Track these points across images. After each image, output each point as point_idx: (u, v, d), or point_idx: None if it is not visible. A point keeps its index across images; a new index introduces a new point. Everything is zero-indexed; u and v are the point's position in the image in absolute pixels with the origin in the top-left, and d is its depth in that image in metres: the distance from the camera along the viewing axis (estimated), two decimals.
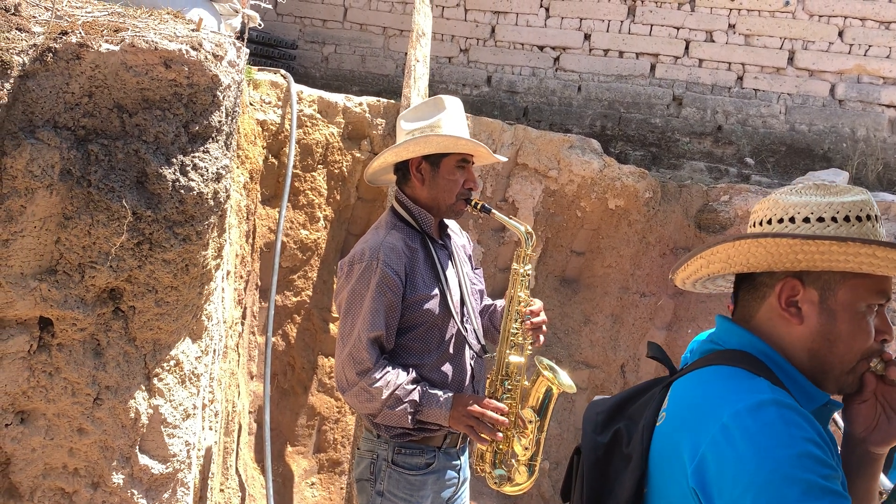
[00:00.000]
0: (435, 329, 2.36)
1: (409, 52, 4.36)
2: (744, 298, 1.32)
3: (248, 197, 3.58)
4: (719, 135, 5.25)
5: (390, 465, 2.36)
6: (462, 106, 2.48)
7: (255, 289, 3.88)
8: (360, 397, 2.26)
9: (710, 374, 1.23)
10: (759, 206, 1.32)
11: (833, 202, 1.22)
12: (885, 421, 1.24)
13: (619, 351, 4.84)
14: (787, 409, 1.09)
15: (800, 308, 1.23)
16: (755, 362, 1.22)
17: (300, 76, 5.37)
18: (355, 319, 2.26)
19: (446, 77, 5.54)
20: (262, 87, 3.91)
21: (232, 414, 3.40)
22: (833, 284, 1.22)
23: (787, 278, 1.24)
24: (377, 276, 2.24)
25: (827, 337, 1.22)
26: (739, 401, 1.11)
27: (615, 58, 5.35)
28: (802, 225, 1.22)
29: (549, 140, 4.67)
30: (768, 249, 1.21)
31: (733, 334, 1.29)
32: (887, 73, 5.04)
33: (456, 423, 2.25)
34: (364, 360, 2.24)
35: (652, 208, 4.70)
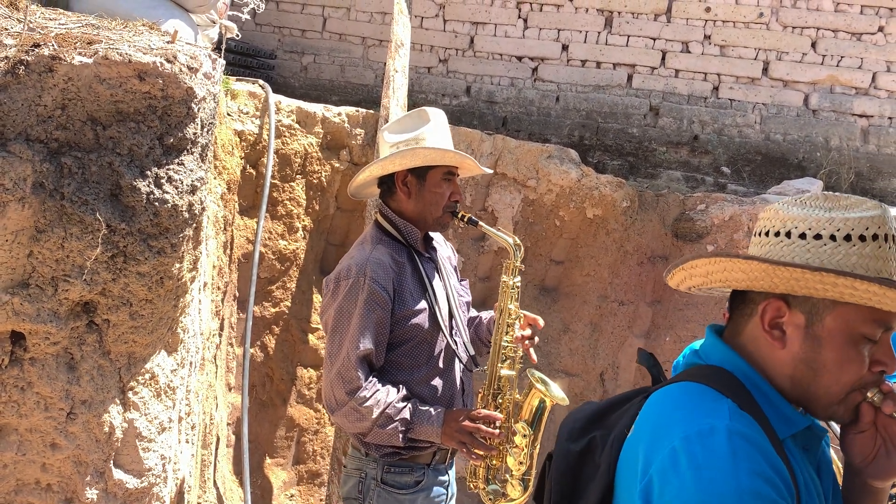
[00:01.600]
0: (424, 344, 2.33)
1: (387, 62, 4.37)
2: (735, 312, 1.25)
3: (226, 208, 3.57)
4: (695, 144, 5.31)
5: (379, 485, 2.31)
6: (445, 117, 2.46)
7: (233, 300, 3.86)
8: (349, 417, 2.22)
9: (678, 390, 1.18)
10: (763, 213, 1.23)
11: (836, 217, 1.11)
12: (884, 455, 1.16)
13: (598, 359, 4.86)
14: (739, 439, 1.03)
15: (784, 331, 1.15)
16: (731, 382, 1.15)
17: (279, 86, 5.36)
18: (343, 338, 2.22)
19: (426, 87, 5.56)
20: (240, 97, 3.90)
21: (209, 426, 3.37)
22: (821, 310, 1.12)
23: (771, 299, 1.15)
24: (365, 292, 2.21)
25: (810, 365, 1.13)
26: (693, 424, 1.07)
27: (593, 68, 5.40)
28: (797, 241, 1.13)
29: (528, 150, 4.69)
30: (743, 270, 1.15)
31: (716, 350, 1.23)
32: (859, 84, 5.12)
33: (448, 439, 2.22)
34: (353, 379, 2.19)
35: (629, 217, 4.74)
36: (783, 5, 5.15)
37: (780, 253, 1.14)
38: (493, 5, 5.43)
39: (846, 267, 1.09)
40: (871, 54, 5.10)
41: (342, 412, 2.22)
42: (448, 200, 2.37)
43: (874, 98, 5.13)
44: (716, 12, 5.19)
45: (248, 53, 5.12)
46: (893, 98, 5.12)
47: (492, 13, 5.43)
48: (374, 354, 2.23)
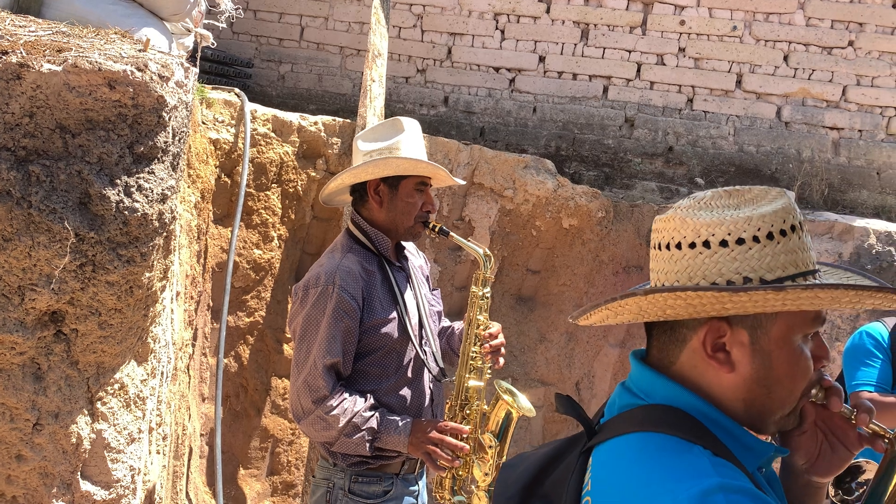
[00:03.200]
0: (393, 353, 2.34)
1: (365, 71, 4.37)
2: (658, 338, 1.11)
3: (200, 216, 3.54)
4: (670, 155, 5.36)
5: (347, 494, 2.31)
6: (420, 128, 2.47)
7: (207, 309, 3.83)
8: (316, 426, 2.22)
9: (638, 446, 1.02)
10: (661, 222, 1.09)
11: (752, 216, 1.02)
12: (828, 450, 1.14)
13: (573, 368, 4.89)
14: (736, 496, 0.91)
15: (728, 352, 1.04)
16: (688, 423, 1.03)
17: (256, 95, 5.35)
18: (311, 346, 2.22)
19: (403, 97, 5.57)
20: (215, 105, 3.89)
21: (182, 437, 3.34)
22: (765, 322, 1.03)
23: (711, 321, 1.04)
24: (333, 301, 2.21)
25: (763, 383, 1.04)
26: (680, 490, 0.92)
27: (569, 80, 5.44)
28: (720, 251, 1.02)
29: (505, 160, 4.72)
30: (689, 301, 1.01)
31: (657, 385, 1.08)
32: (830, 97, 5.21)
33: (415, 449, 2.22)
34: (320, 388, 2.19)
35: (605, 227, 4.77)
36: (756, 19, 5.22)
37: (703, 266, 1.03)
38: (470, 17, 5.46)
39: (778, 267, 1.01)
40: (841, 68, 5.18)
41: (308, 420, 2.22)
42: (420, 210, 2.38)
43: (844, 111, 5.22)
44: (690, 25, 5.26)
45: (225, 62, 5.09)
46: (863, 111, 5.21)
47: (469, 24, 5.46)
48: (341, 363, 2.23)
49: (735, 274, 1.01)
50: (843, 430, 1.13)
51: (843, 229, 4.57)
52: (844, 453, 1.14)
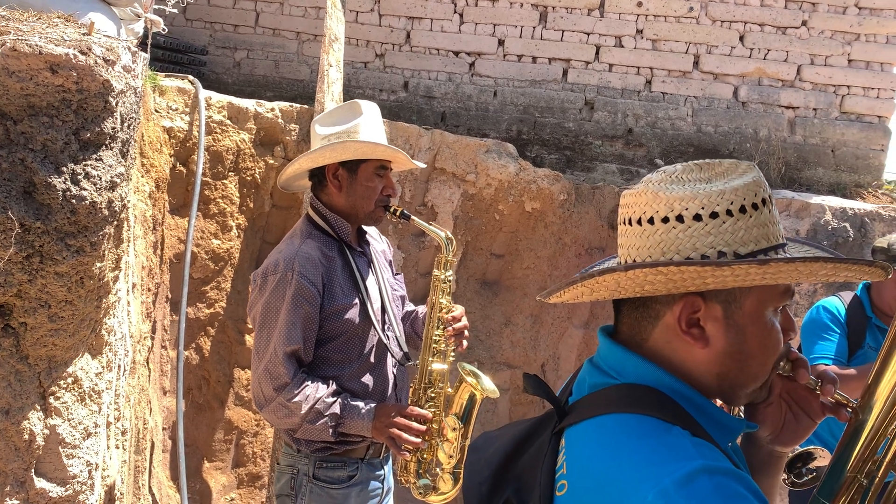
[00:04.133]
0: (355, 339, 2.31)
1: (321, 56, 4.31)
2: (630, 315, 1.10)
3: (155, 207, 3.47)
4: (630, 137, 5.39)
5: (311, 480, 2.29)
6: (379, 111, 2.44)
7: (166, 301, 3.76)
8: (278, 413, 2.20)
9: (616, 428, 1.00)
10: (631, 197, 1.08)
11: (724, 189, 1.01)
12: (792, 420, 1.15)
13: (539, 350, 4.90)
14: (721, 477, 0.90)
15: (703, 328, 1.03)
16: (663, 402, 1.01)
17: (212, 82, 5.25)
18: (271, 333, 2.19)
19: (363, 82, 5.51)
20: (168, 93, 3.80)
21: (143, 431, 3.28)
22: (739, 296, 1.03)
23: (686, 296, 1.03)
24: (293, 287, 2.18)
25: (737, 357, 1.04)
26: (664, 474, 0.89)
27: (529, 63, 5.43)
28: (694, 224, 1.00)
29: (466, 145, 4.70)
30: (670, 277, 0.99)
31: (629, 363, 1.06)
32: (785, 76, 5.27)
33: (378, 434, 2.21)
34: (281, 375, 2.17)
35: (567, 210, 4.78)
36: (712, 0, 5.26)
37: (677, 241, 1.02)
38: (428, 0, 5.42)
39: (751, 241, 1.01)
40: (795, 47, 5.25)
41: (270, 408, 2.20)
42: (380, 194, 2.35)
43: (799, 90, 5.29)
44: (647, 7, 5.27)
45: (179, 49, 4.98)
46: (817, 90, 5.29)
47: (427, 8, 5.42)
48: (302, 350, 2.20)
49: (710, 248, 1.00)
50: (807, 400, 1.15)
51: (800, 206, 4.64)
52: (808, 423, 1.15)
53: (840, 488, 1.09)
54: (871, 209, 4.64)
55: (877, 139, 5.28)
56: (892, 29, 5.18)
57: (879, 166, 5.32)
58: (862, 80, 5.25)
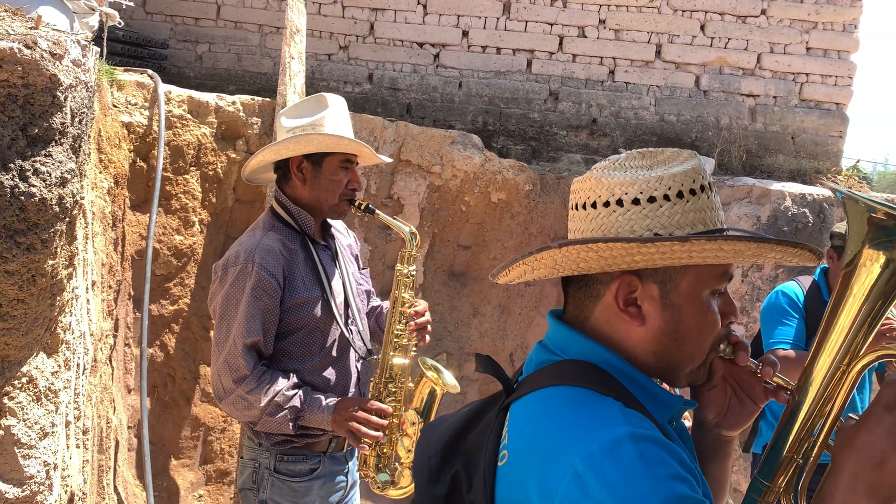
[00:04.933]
0: (317, 332, 2.31)
1: (283, 49, 4.28)
2: (574, 295, 1.14)
3: (115, 203, 3.42)
4: (594, 127, 5.43)
5: (273, 473, 2.29)
6: (345, 104, 2.42)
7: (128, 299, 3.72)
8: (237, 405, 2.20)
9: (553, 399, 1.05)
10: (578, 183, 1.13)
11: (663, 176, 1.06)
12: (736, 404, 1.17)
13: (507, 340, 4.93)
14: (646, 444, 0.94)
15: (640, 307, 1.07)
16: (601, 377, 1.06)
17: (173, 76, 5.18)
18: (231, 325, 2.19)
19: (327, 74, 5.48)
20: (127, 87, 3.75)
21: (107, 430, 3.24)
22: (674, 276, 1.07)
23: (622, 275, 1.07)
24: (253, 279, 2.17)
25: (672, 336, 1.08)
26: (592, 440, 0.94)
27: (493, 54, 5.44)
28: (633, 208, 1.05)
29: (431, 136, 4.70)
30: (601, 254, 1.04)
31: (572, 341, 1.11)
32: (745, 65, 5.34)
33: (339, 427, 2.21)
34: (240, 368, 2.16)
35: (532, 200, 4.81)
36: None
37: (617, 224, 1.06)
38: None
39: (687, 224, 1.05)
40: (755, 36, 5.32)
41: (229, 400, 2.20)
42: (345, 188, 2.33)
43: (760, 78, 5.36)
44: None
45: (139, 43, 4.91)
46: (777, 78, 5.37)
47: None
48: (262, 342, 2.20)
49: (646, 230, 1.05)
50: (750, 384, 1.17)
51: (761, 193, 4.71)
52: (752, 407, 1.17)
53: (778, 468, 1.11)
54: (829, 195, 4.73)
55: (835, 126, 5.37)
56: (848, 17, 5.26)
57: (838, 152, 5.42)
58: (820, 67, 5.33)
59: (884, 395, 0.98)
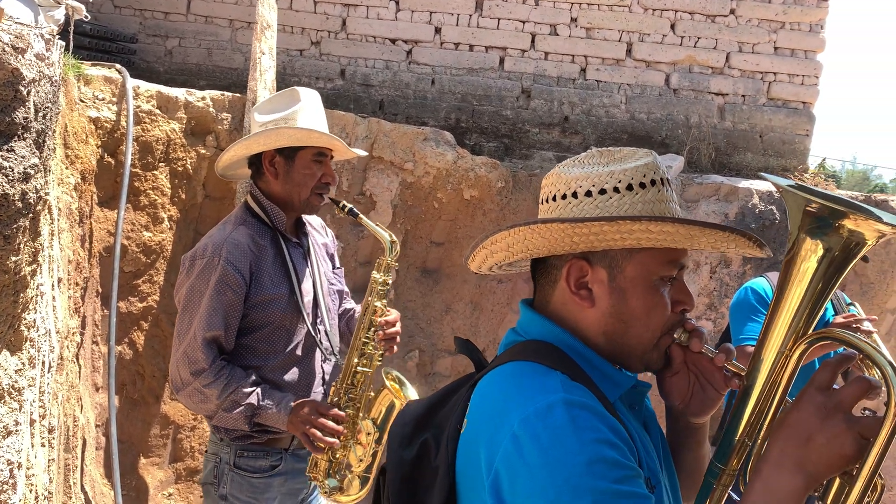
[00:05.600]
0: (282, 330, 2.30)
1: (254, 44, 4.25)
2: (539, 282, 1.23)
3: (82, 199, 3.38)
4: (566, 125, 5.46)
5: (232, 468, 2.29)
6: (319, 98, 2.41)
7: (96, 296, 3.67)
8: (193, 398, 2.20)
9: (505, 372, 1.13)
10: (546, 179, 1.23)
11: (615, 171, 1.14)
12: (699, 390, 1.21)
13: (479, 336, 4.95)
14: (578, 409, 1.01)
15: (590, 290, 1.15)
16: (555, 354, 1.13)
17: (142, 71, 5.12)
18: (193, 317, 2.19)
19: (298, 70, 5.45)
20: (94, 82, 3.70)
21: (73, 429, 3.21)
22: (620, 261, 1.14)
23: (573, 260, 1.15)
24: (218, 273, 2.17)
25: (620, 317, 1.15)
26: (529, 405, 1.03)
27: (466, 51, 5.45)
28: (585, 200, 1.14)
29: (404, 133, 4.69)
30: (543, 235, 1.13)
31: (533, 323, 1.21)
32: (714, 64, 5.41)
33: (294, 428, 2.20)
34: (199, 360, 2.16)
35: (505, 197, 4.83)
36: None
37: (571, 214, 1.14)
38: None
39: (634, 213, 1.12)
40: (724, 35, 5.38)
41: (186, 392, 2.20)
42: (319, 182, 2.33)
43: (728, 77, 5.43)
44: None
45: (107, 37, 4.84)
46: (745, 77, 5.44)
47: None
48: (223, 337, 2.19)
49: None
50: (711, 371, 1.20)
51: (729, 190, 4.78)
52: (714, 394, 1.21)
53: (732, 452, 1.14)
54: None
55: (802, 124, 5.46)
56: (814, 17, 5.35)
57: (805, 151, 5.51)
58: (787, 67, 5.41)
59: (817, 377, 1.03)
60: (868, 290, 4.77)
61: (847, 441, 0.97)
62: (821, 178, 5.60)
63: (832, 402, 1.00)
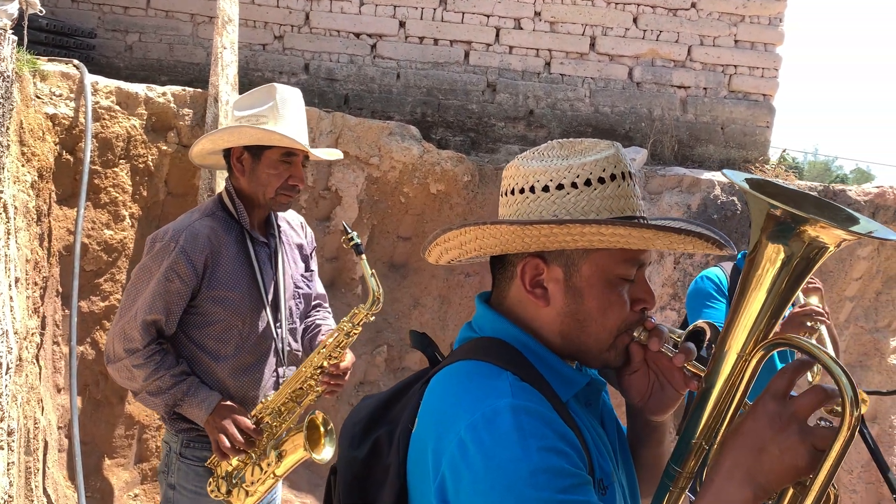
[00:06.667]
0: (234, 330, 2.28)
1: (215, 38, 4.20)
2: (497, 277, 1.20)
3: (39, 197, 3.32)
4: (531, 119, 5.48)
5: (179, 458, 2.32)
6: (298, 96, 2.38)
7: (56, 296, 3.61)
8: (121, 373, 2.23)
9: (455, 372, 1.11)
10: (506, 171, 1.19)
11: (573, 165, 1.10)
12: (658, 389, 1.19)
13: (447, 330, 4.96)
14: (524, 415, 0.99)
15: (545, 288, 1.12)
16: (507, 353, 1.11)
17: (103, 67, 5.03)
18: (137, 297, 2.21)
19: (261, 65, 5.40)
20: (51, 78, 3.63)
21: (34, 431, 3.15)
22: (576, 260, 1.11)
23: (528, 258, 1.13)
24: (170, 259, 2.17)
25: (575, 317, 1.12)
26: (476, 409, 1.01)
27: (431, 45, 5.44)
28: (542, 195, 1.10)
29: (369, 127, 4.68)
30: (494, 236, 1.10)
31: (487, 319, 1.18)
32: (676, 57, 5.47)
33: (209, 428, 2.20)
34: (134, 340, 2.18)
35: (471, 191, 4.84)
36: None
37: (528, 210, 1.11)
38: None
39: (592, 211, 1.08)
40: (686, 28, 5.44)
41: (116, 367, 2.23)
42: (285, 182, 2.30)
43: (690, 70, 5.50)
44: None
45: (64, 32, 4.75)
46: (707, 70, 5.51)
47: None
48: (163, 321, 2.21)
49: (551, 216, 1.09)
50: (670, 370, 1.18)
51: (691, 182, 4.84)
52: (673, 393, 1.19)
53: (689, 454, 1.12)
54: None
55: (762, 116, 5.55)
56: (773, 11, 5.44)
57: (765, 142, 5.60)
58: (748, 59, 5.49)
59: (773, 385, 1.00)
60: (827, 277, 4.87)
61: (800, 453, 0.95)
62: (781, 169, 5.70)
63: (787, 411, 0.97)
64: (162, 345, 2.25)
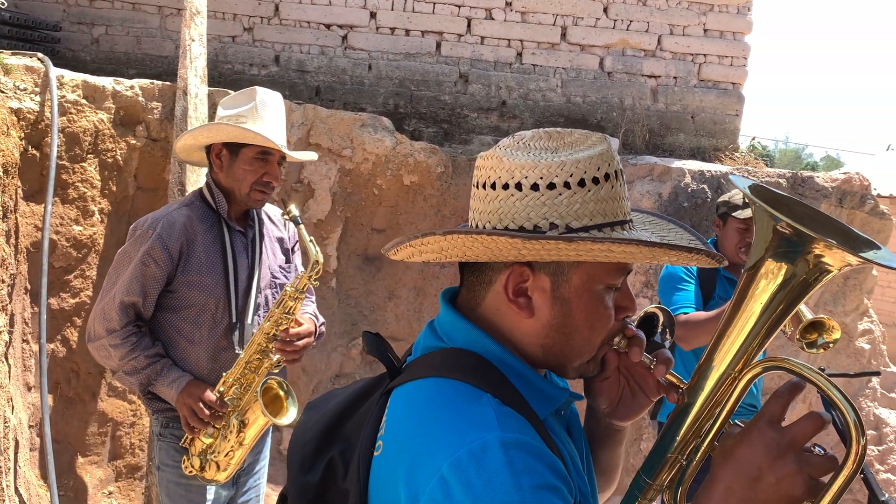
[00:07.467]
0: (206, 314, 2.42)
1: (183, 31, 4.15)
2: (468, 279, 1.09)
3: (5, 193, 3.26)
4: (504, 109, 5.49)
5: (160, 438, 2.46)
6: (278, 99, 2.52)
7: (25, 293, 3.56)
8: (100, 352, 2.38)
9: (429, 392, 1.01)
10: (482, 160, 1.07)
11: (566, 161, 0.99)
12: (629, 395, 1.15)
13: (423, 321, 4.96)
14: (516, 451, 0.90)
15: (530, 298, 1.03)
16: (482, 369, 1.02)
17: (68, 60, 4.95)
18: (117, 280, 2.35)
19: (231, 57, 5.35)
20: (14, 72, 3.57)
21: (4, 430, 3.11)
22: (567, 269, 1.02)
23: (514, 266, 1.03)
24: (147, 245, 2.32)
25: (562, 330, 1.04)
26: (460, 444, 0.91)
27: (402, 36, 5.42)
28: (531, 194, 0.99)
29: (341, 119, 4.66)
30: (486, 245, 1.00)
31: (458, 329, 1.07)
32: (647, 46, 5.50)
33: (179, 406, 2.34)
34: (113, 320, 2.32)
35: (445, 182, 4.84)
36: None
37: (513, 209, 1.01)
38: None
39: (586, 215, 1.00)
40: (655, 18, 5.48)
41: (96, 345, 2.38)
42: (259, 179, 2.43)
43: (660, 59, 5.54)
44: None
45: (28, 25, 4.66)
46: (677, 59, 5.55)
47: None
48: (141, 304, 2.35)
49: (542, 219, 0.99)
50: (644, 377, 1.14)
51: (662, 171, 4.89)
52: (643, 399, 1.15)
53: (662, 467, 1.10)
54: (727, 171, 4.94)
55: (732, 105, 5.61)
56: (742, 0, 5.48)
57: (735, 130, 5.66)
58: (717, 48, 5.54)
59: (768, 409, 0.97)
60: None
61: (797, 482, 0.92)
62: (751, 157, 5.77)
63: (784, 439, 0.93)
64: (140, 327, 2.38)
